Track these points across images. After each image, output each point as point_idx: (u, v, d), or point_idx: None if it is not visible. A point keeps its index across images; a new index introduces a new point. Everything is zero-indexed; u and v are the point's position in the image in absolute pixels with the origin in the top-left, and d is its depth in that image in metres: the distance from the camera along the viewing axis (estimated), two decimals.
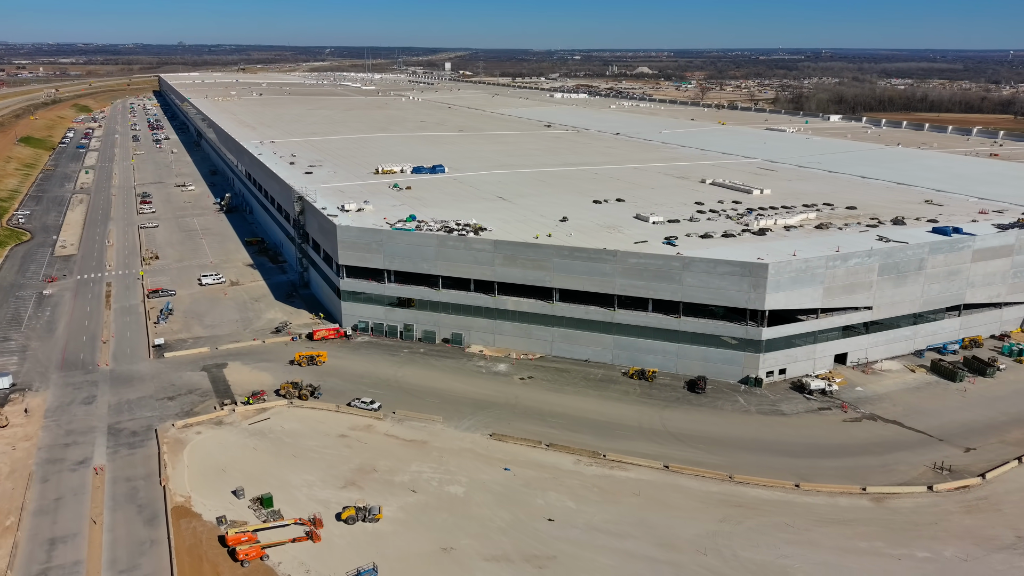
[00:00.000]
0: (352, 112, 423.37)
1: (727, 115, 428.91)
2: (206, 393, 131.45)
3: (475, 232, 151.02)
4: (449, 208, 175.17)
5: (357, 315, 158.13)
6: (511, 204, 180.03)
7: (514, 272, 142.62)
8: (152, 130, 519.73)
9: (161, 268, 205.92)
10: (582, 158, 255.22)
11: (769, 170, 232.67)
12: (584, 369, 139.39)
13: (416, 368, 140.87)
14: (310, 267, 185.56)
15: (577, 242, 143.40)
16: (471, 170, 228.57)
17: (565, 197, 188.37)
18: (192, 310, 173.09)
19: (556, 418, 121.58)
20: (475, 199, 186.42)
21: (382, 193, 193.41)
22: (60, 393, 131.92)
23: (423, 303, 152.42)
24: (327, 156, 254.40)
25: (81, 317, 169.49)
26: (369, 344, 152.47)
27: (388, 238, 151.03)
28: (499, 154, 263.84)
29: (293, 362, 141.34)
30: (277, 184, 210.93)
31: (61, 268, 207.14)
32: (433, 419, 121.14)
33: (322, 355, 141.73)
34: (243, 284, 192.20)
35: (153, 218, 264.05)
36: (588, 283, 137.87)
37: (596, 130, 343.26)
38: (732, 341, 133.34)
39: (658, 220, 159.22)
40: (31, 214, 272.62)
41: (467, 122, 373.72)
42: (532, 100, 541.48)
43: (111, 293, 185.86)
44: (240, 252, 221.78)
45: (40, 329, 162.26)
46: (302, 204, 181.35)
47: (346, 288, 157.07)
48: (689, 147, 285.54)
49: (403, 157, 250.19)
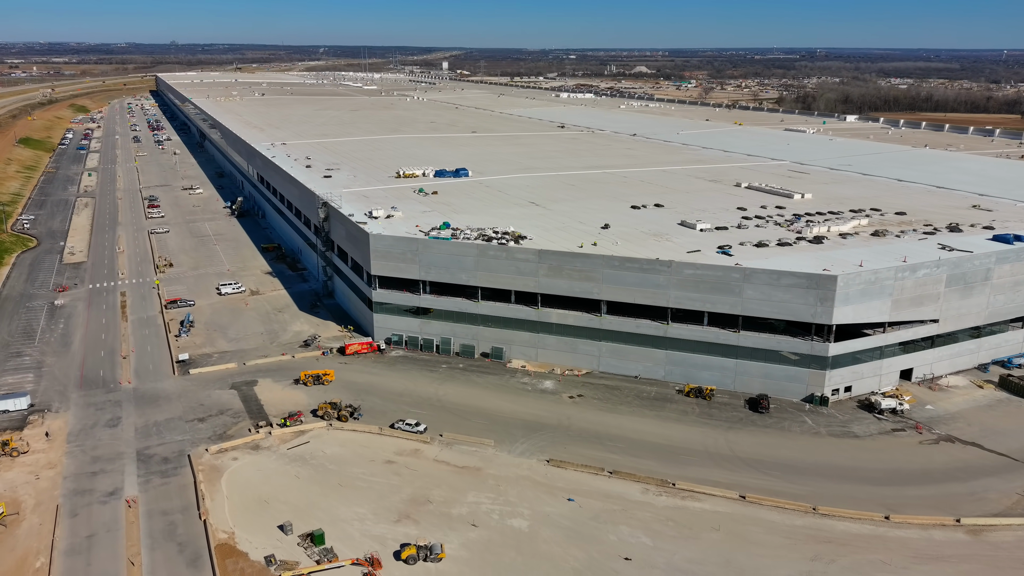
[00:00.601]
0: (360, 112, 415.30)
1: (740, 115, 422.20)
2: (238, 414, 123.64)
3: (515, 241, 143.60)
4: (481, 214, 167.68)
5: (390, 328, 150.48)
6: (545, 210, 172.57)
7: (559, 283, 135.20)
8: (153, 131, 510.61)
9: (176, 276, 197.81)
10: (605, 160, 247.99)
11: (801, 173, 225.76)
12: (635, 386, 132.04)
13: (457, 385, 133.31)
14: (334, 275, 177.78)
15: (624, 251, 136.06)
16: (495, 173, 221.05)
17: (599, 202, 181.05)
18: (214, 322, 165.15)
19: (614, 441, 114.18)
20: (506, 204, 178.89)
21: (408, 198, 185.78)
22: (82, 414, 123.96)
23: (461, 315, 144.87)
24: (343, 159, 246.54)
25: (97, 330, 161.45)
26: (404, 359, 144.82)
27: (424, 247, 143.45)
28: (519, 156, 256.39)
29: (299, 381, 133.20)
30: (296, 189, 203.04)
31: (71, 276, 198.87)
32: (484, 443, 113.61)
33: (329, 374, 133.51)
34: (264, 293, 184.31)
35: (163, 223, 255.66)
36: (640, 295, 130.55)
37: (611, 131, 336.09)
38: (793, 357, 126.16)
39: (705, 227, 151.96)
40: (36, 219, 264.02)
41: (478, 123, 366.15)
42: (539, 100, 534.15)
43: (126, 303, 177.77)
44: (257, 259, 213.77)
45: (55, 343, 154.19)
46: (327, 210, 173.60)
47: (378, 300, 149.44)
48: (711, 149, 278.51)
49: (422, 160, 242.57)
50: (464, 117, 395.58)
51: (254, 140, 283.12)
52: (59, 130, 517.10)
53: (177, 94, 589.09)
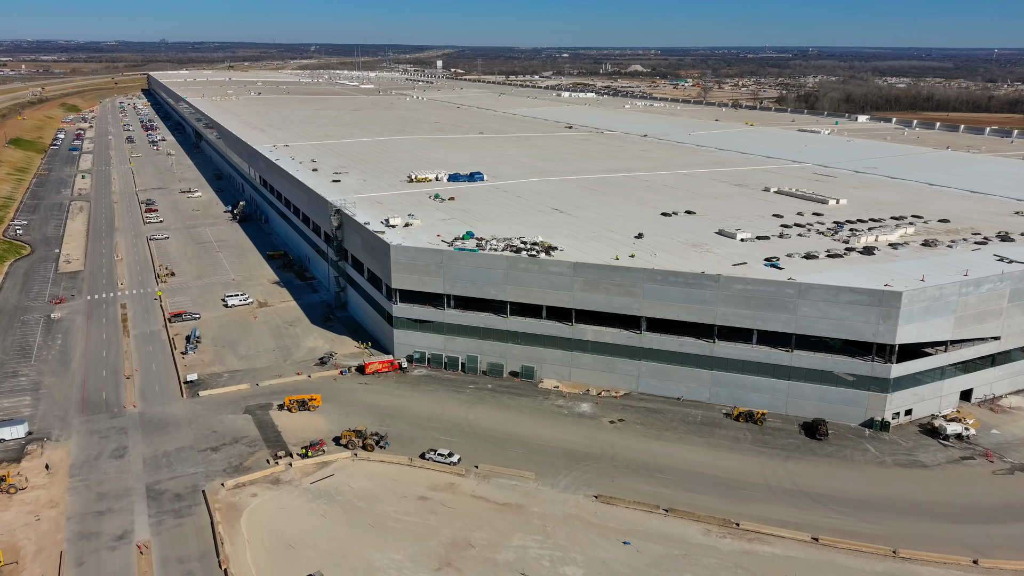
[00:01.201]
0: (361, 112, 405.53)
1: (749, 115, 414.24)
2: (254, 442, 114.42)
3: (546, 252, 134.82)
4: (504, 222, 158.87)
5: (411, 344, 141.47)
6: (571, 217, 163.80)
7: (596, 298, 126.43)
8: (147, 131, 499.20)
9: (179, 286, 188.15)
10: (621, 163, 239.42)
11: (827, 176, 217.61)
12: (679, 409, 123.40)
13: (488, 408, 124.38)
14: (348, 286, 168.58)
15: (663, 263, 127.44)
16: (511, 177, 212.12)
17: (626, 208, 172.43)
18: (222, 337, 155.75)
19: (664, 473, 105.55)
20: (529, 211, 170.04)
21: (424, 204, 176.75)
22: (85, 443, 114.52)
23: (488, 332, 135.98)
24: (350, 162, 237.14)
25: (98, 346, 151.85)
26: (429, 378, 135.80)
27: (449, 259, 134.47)
28: (532, 158, 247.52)
29: (283, 407, 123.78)
30: (305, 195, 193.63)
31: (68, 287, 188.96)
32: (524, 475, 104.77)
33: (316, 399, 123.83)
34: (272, 305, 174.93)
35: (162, 228, 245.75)
36: (684, 311, 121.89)
37: (621, 132, 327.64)
38: (850, 378, 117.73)
39: (746, 237, 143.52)
40: (29, 224, 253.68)
41: (483, 123, 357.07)
42: (541, 99, 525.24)
43: (128, 317, 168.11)
44: (263, 267, 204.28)
45: (53, 361, 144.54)
46: (340, 218, 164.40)
47: (399, 315, 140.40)
48: (728, 150, 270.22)
49: (431, 162, 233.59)
50: (468, 117, 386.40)
51: (256, 142, 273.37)
52: (50, 130, 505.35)
53: (171, 93, 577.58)
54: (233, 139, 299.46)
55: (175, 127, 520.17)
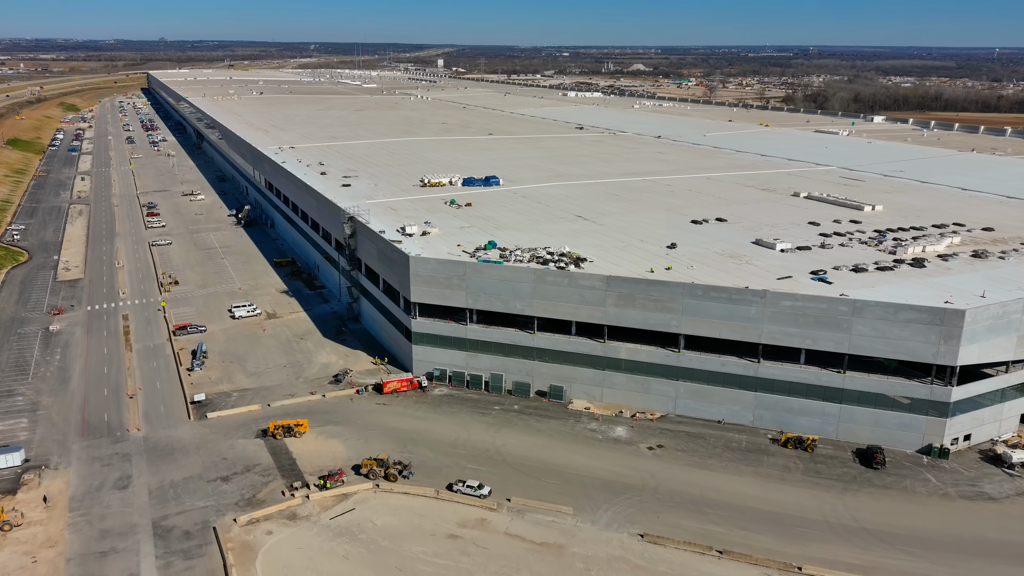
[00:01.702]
0: (365, 113, 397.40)
1: (762, 116, 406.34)
2: (268, 471, 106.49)
3: (575, 264, 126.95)
4: (526, 231, 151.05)
5: (431, 361, 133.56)
6: (597, 225, 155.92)
7: (631, 314, 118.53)
8: (147, 131, 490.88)
9: (183, 296, 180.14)
10: (639, 166, 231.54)
11: (855, 180, 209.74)
12: (721, 434, 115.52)
13: (517, 433, 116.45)
14: (361, 297, 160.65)
15: (702, 276, 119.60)
16: (528, 181, 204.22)
17: (653, 215, 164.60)
18: (229, 351, 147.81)
19: (712, 507, 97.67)
20: (551, 219, 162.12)
21: (440, 211, 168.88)
22: (85, 472, 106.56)
23: (513, 349, 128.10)
24: (359, 165, 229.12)
25: (98, 361, 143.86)
26: (451, 398, 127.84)
27: (473, 272, 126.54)
28: (546, 161, 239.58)
29: (267, 433, 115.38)
30: (315, 200, 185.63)
31: (67, 296, 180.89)
32: (560, 510, 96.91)
33: (302, 425, 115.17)
34: (281, 316, 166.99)
35: (164, 233, 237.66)
36: (726, 329, 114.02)
37: (633, 133, 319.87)
38: (905, 401, 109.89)
39: (786, 247, 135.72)
40: (27, 229, 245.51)
41: (492, 124, 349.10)
42: (548, 99, 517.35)
43: (130, 329, 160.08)
44: (269, 275, 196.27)
45: (51, 379, 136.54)
46: (353, 226, 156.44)
47: (419, 330, 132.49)
48: (747, 152, 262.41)
49: (442, 165, 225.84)
50: (476, 118, 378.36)
51: (260, 144, 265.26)
52: (49, 130, 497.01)
53: (171, 92, 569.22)
54: (236, 140, 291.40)
55: (176, 127, 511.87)
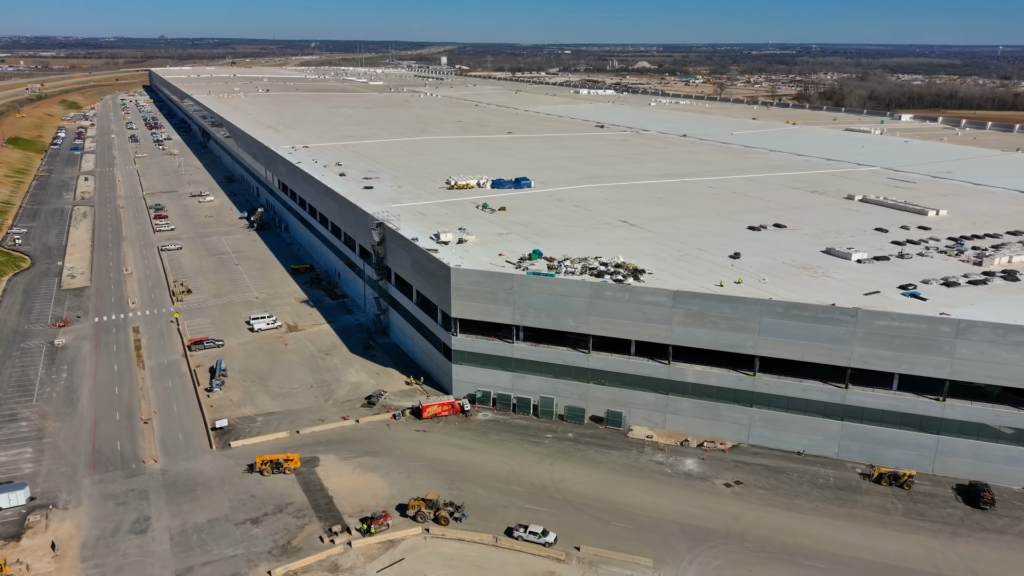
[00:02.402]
0: (377, 111, 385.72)
1: (784, 114, 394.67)
2: (302, 511, 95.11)
3: (633, 276, 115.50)
4: (570, 238, 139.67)
5: (473, 382, 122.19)
6: (646, 232, 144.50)
7: (700, 333, 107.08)
8: (150, 129, 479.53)
9: (197, 306, 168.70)
10: (674, 167, 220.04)
11: (905, 182, 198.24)
12: (805, 468, 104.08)
13: (575, 465, 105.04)
14: (390, 309, 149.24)
15: (776, 291, 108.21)
16: (560, 184, 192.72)
17: (704, 221, 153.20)
18: (250, 369, 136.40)
19: (810, 558, 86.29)
20: (594, 224, 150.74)
21: (473, 216, 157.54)
22: (98, 513, 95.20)
23: (566, 370, 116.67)
24: (378, 165, 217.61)
25: (108, 380, 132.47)
26: (497, 424, 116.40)
27: (521, 285, 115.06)
28: (575, 162, 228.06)
29: (253, 468, 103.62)
30: (337, 204, 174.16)
31: (73, 306, 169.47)
32: (638, 562, 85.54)
33: (293, 460, 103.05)
34: (303, 329, 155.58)
35: (174, 237, 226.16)
36: (810, 351, 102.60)
37: (656, 131, 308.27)
38: (1009, 431, 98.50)
39: (862, 257, 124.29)
40: (28, 232, 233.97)
41: (509, 123, 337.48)
42: (560, 97, 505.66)
43: (141, 343, 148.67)
44: (288, 283, 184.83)
45: (58, 401, 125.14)
46: (383, 233, 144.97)
47: (460, 348, 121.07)
48: (782, 152, 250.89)
49: (468, 166, 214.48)
50: (491, 116, 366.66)
51: (272, 143, 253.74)
52: (50, 128, 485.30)
53: (175, 90, 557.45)
54: (247, 140, 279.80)
55: (180, 125, 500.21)
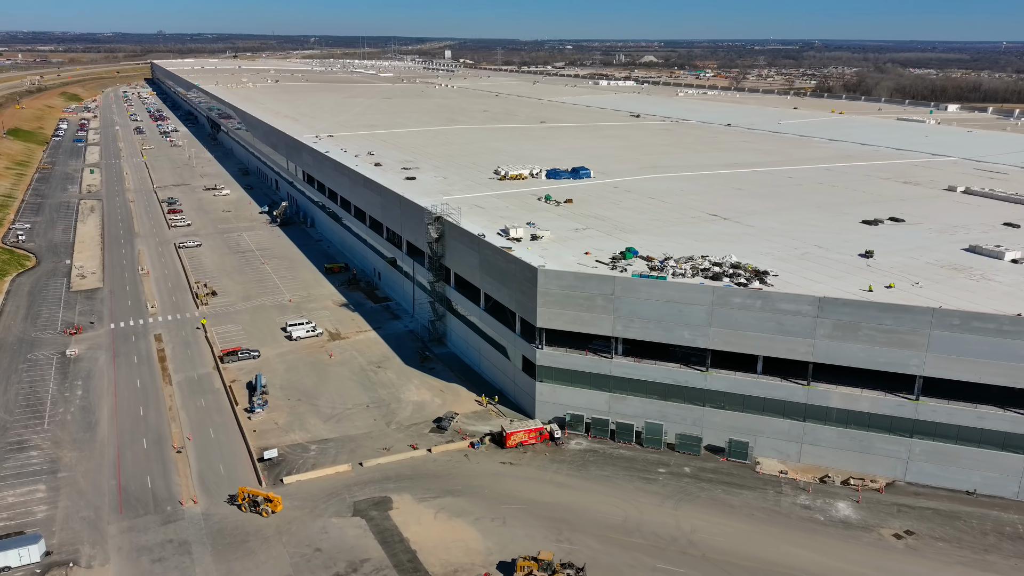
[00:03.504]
0: (396, 101, 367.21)
1: (822, 104, 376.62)
2: (382, 570, 76.99)
3: (757, 279, 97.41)
4: (657, 234, 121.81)
5: (560, 403, 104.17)
6: (744, 227, 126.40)
7: (851, 349, 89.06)
8: (156, 121, 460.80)
9: (224, 310, 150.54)
10: (736, 156, 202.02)
11: (997, 173, 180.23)
12: (982, 512, 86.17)
13: (702, 510, 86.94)
14: (447, 314, 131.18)
15: (934, 296, 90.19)
16: (621, 174, 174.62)
17: (804, 214, 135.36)
18: (293, 385, 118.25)
19: None
20: (679, 218, 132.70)
21: (539, 209, 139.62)
22: (131, 573, 76.96)
23: (677, 391, 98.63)
24: (415, 155, 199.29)
25: (131, 399, 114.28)
26: (596, 456, 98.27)
27: (625, 290, 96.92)
28: (624, 150, 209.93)
29: (234, 500, 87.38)
30: (378, 196, 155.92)
31: (85, 311, 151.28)
32: None
33: (275, 502, 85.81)
34: (347, 336, 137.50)
35: (191, 233, 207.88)
36: (990, 371, 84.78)
37: (697, 121, 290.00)
38: None
39: (1017, 257, 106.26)
40: (32, 228, 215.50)
41: (538, 112, 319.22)
42: (580, 88, 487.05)
43: (166, 354, 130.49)
44: (321, 284, 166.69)
45: (73, 424, 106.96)
46: (441, 228, 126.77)
47: (546, 363, 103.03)
48: (844, 141, 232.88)
49: (512, 156, 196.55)
50: (516, 106, 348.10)
51: (294, 132, 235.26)
52: (51, 120, 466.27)
53: (180, 81, 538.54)
54: (266, 129, 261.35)
55: (186, 117, 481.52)
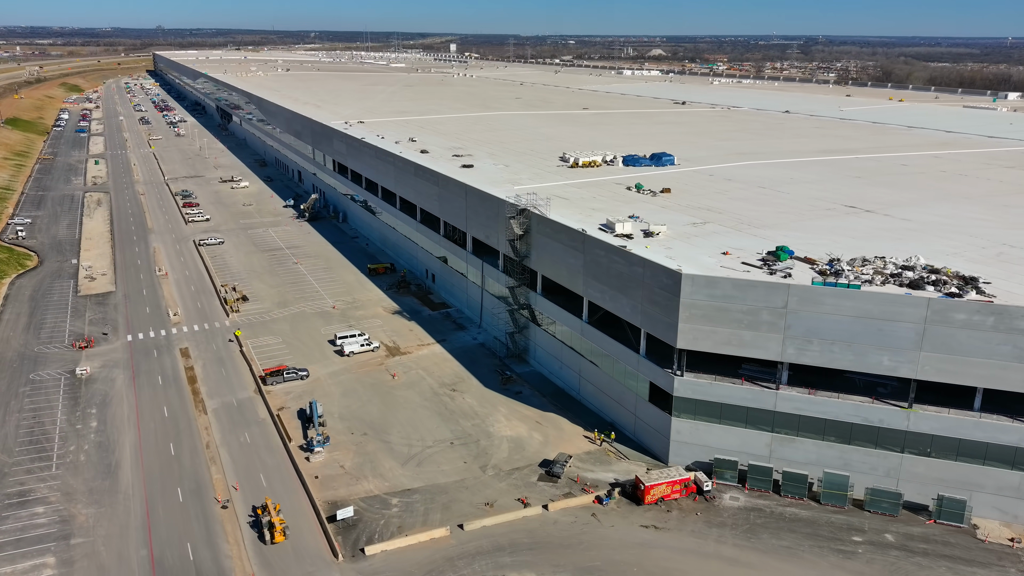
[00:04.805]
0: (417, 88, 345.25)
1: (874, 93, 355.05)
2: None
3: (971, 287, 75.83)
4: (795, 229, 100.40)
5: (703, 444, 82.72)
6: (898, 221, 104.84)
7: None
8: (161, 111, 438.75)
9: (259, 318, 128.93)
10: (822, 143, 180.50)
11: None
12: None
13: None
14: (530, 325, 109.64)
15: None
16: (706, 161, 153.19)
17: (957, 205, 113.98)
18: (355, 414, 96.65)
19: None
20: (809, 210, 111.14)
21: (634, 200, 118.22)
22: None
23: (866, 432, 77.10)
24: (461, 142, 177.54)
25: (159, 433, 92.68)
26: (763, 516, 76.60)
27: (803, 303, 75.36)
28: (694, 136, 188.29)
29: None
30: (435, 187, 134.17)
31: (97, 319, 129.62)
32: None
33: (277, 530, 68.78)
34: (408, 351, 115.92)
35: (211, 229, 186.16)
36: None
37: (749, 108, 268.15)
38: None
39: None
40: (33, 223, 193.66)
41: (573, 100, 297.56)
42: (606, 77, 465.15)
43: (196, 373, 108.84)
44: (366, 287, 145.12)
45: (88, 468, 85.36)
46: (526, 223, 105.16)
47: (686, 394, 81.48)
48: (923, 128, 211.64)
49: (569, 142, 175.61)
50: (548, 94, 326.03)
51: (320, 119, 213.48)
52: (51, 110, 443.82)
53: (186, 71, 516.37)
54: (287, 116, 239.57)
55: (193, 107, 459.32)
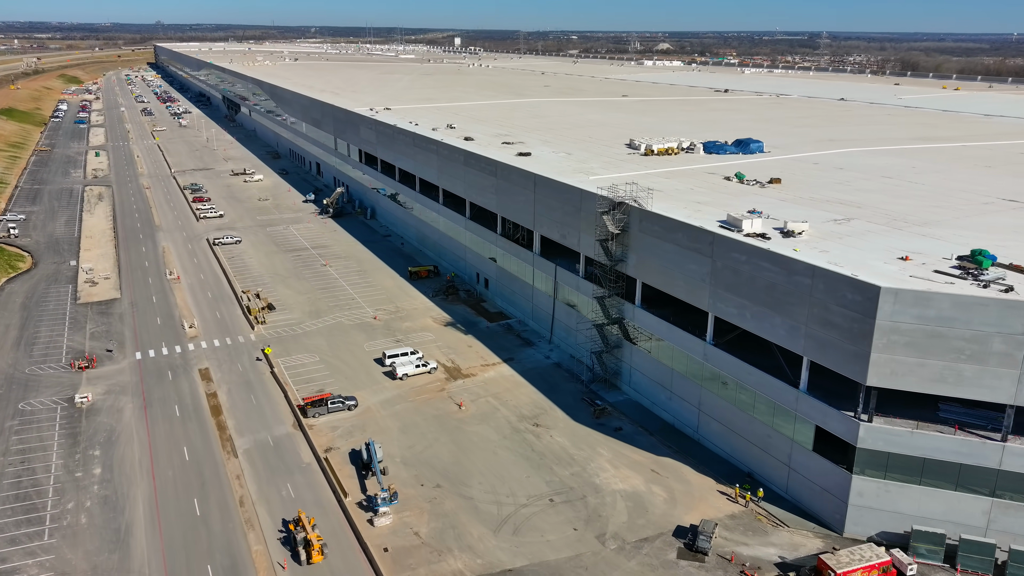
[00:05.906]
0: (437, 77, 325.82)
1: (916, 83, 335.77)
2: None
3: None
4: (959, 227, 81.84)
5: (893, 511, 63.59)
6: None
7: None
8: (164, 103, 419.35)
9: (289, 331, 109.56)
10: (906, 131, 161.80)
11: None
12: None
13: None
14: (623, 343, 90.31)
15: None
16: (794, 149, 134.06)
17: None
18: (421, 457, 77.45)
19: None
20: (965, 205, 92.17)
21: (740, 192, 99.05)
22: None
23: None
24: (505, 128, 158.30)
25: (179, 484, 73.49)
26: None
27: None
28: (761, 123, 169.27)
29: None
30: (491, 177, 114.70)
31: (99, 332, 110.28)
32: None
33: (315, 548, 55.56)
34: (471, 373, 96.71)
35: (226, 227, 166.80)
36: None
37: (798, 95, 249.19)
38: None
39: None
40: (28, 219, 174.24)
41: (607, 88, 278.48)
42: (628, 67, 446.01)
43: (220, 402, 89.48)
44: (409, 294, 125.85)
45: (91, 535, 66.21)
46: (625, 220, 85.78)
47: (875, 444, 62.21)
48: (1001, 116, 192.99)
49: (627, 129, 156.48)
50: (576, 83, 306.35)
51: (343, 106, 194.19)
52: (49, 101, 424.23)
53: (190, 61, 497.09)
54: (304, 104, 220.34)
55: (197, 99, 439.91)
